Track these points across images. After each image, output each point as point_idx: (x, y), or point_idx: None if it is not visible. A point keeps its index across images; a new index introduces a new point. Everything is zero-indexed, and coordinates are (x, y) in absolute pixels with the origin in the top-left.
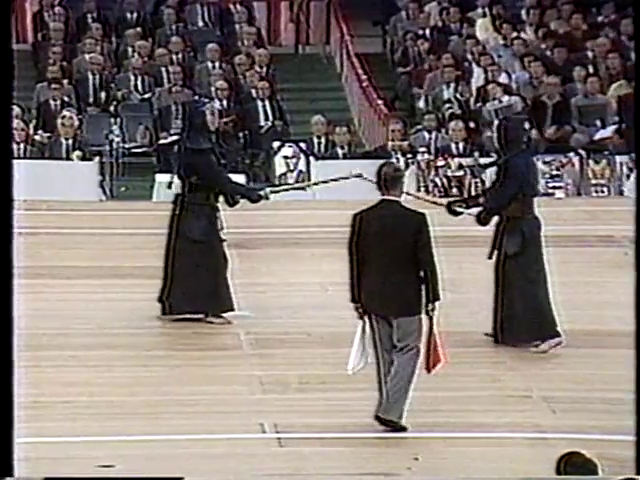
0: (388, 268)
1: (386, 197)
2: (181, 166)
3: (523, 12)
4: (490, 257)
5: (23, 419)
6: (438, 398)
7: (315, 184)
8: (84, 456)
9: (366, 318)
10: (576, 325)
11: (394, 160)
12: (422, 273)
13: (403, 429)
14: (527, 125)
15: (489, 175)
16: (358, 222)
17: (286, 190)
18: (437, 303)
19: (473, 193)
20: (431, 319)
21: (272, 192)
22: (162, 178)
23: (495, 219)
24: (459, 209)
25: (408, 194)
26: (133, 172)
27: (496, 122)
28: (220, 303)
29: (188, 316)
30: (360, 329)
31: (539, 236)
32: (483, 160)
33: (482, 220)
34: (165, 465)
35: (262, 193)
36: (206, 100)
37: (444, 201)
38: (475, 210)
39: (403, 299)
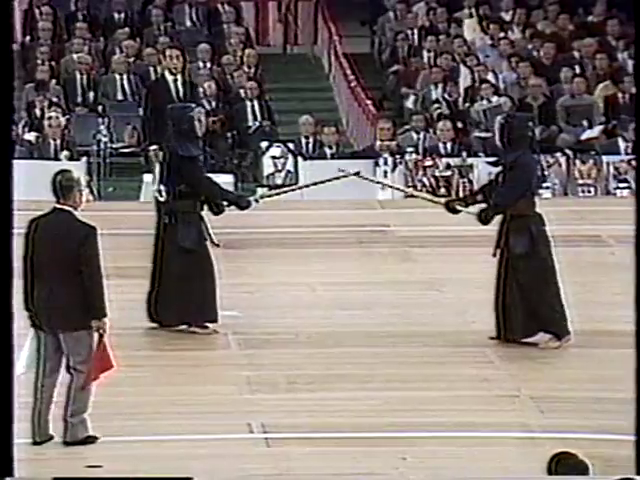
0: (54, 279)
1: (58, 206)
2: (169, 173)
3: (510, 13)
4: (494, 255)
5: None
6: (425, 398)
7: (306, 186)
8: (73, 457)
9: (36, 329)
10: None
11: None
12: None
13: (95, 438)
14: (531, 124)
15: (476, 175)
16: (32, 229)
17: (277, 194)
18: (106, 319)
19: (473, 190)
20: (101, 336)
21: (262, 197)
22: (149, 178)
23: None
24: (458, 207)
25: (407, 193)
26: (121, 172)
27: (499, 119)
28: (205, 314)
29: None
30: (30, 338)
31: (546, 233)
32: (471, 160)
33: (484, 218)
34: (153, 465)
35: (251, 199)
36: (194, 105)
37: (442, 200)
38: (474, 208)
39: (67, 313)
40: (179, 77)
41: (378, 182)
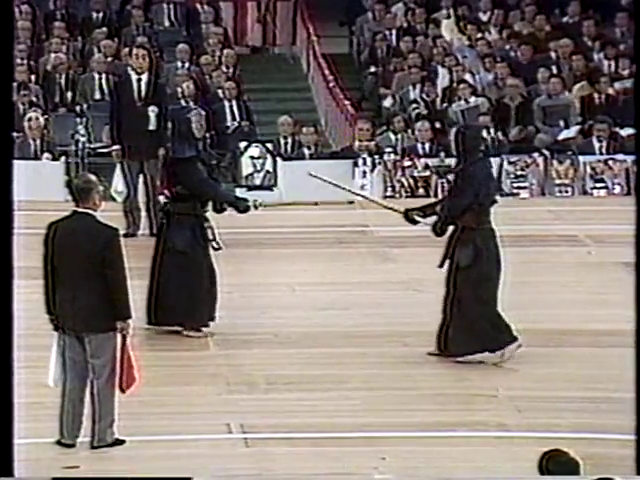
0: (78, 282)
1: (77, 209)
2: (165, 175)
3: (487, 14)
4: (441, 266)
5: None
6: (404, 397)
7: (315, 204)
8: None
9: (60, 333)
10: (540, 324)
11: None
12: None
13: (122, 442)
14: (485, 133)
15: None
16: (52, 233)
17: (279, 204)
18: (130, 321)
19: (430, 201)
20: (124, 337)
21: (261, 205)
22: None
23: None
24: (417, 218)
25: (367, 199)
26: (99, 172)
27: (454, 130)
28: (198, 317)
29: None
30: (56, 342)
31: (492, 248)
32: (449, 160)
33: (437, 230)
34: (131, 466)
35: (250, 204)
36: (192, 107)
37: (402, 208)
38: (431, 219)
39: (92, 315)
40: (143, 77)
41: (332, 183)
